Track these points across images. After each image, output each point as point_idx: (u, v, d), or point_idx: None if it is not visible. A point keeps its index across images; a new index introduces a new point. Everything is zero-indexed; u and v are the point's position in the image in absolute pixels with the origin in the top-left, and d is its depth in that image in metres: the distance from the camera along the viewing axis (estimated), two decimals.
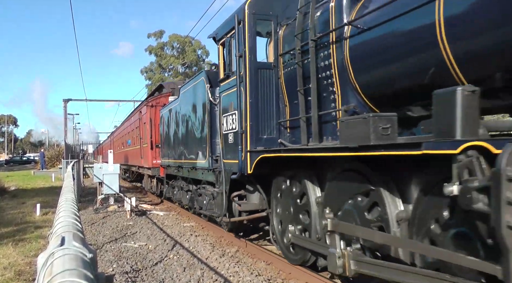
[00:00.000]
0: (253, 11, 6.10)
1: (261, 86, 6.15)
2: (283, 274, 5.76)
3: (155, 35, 65.69)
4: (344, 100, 4.71)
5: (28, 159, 69.10)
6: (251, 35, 6.13)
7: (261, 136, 6.12)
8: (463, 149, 2.74)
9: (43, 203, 12.58)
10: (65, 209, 2.87)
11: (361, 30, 4.34)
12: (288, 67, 5.81)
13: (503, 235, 2.43)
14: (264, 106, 6.15)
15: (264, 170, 5.95)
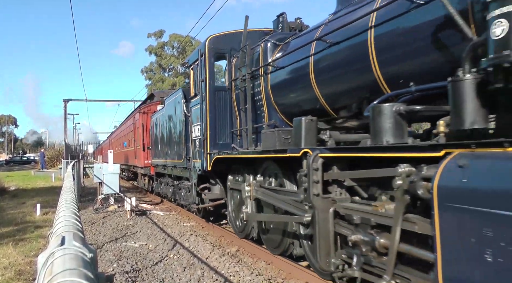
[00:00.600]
0: (211, 46, 7.88)
1: (218, 104, 7.94)
2: (283, 274, 5.77)
3: (155, 34, 65.72)
4: (269, 117, 6.65)
5: (28, 159, 69.12)
6: (210, 65, 7.90)
7: (218, 142, 7.92)
8: (303, 152, 4.74)
9: (43, 203, 12.58)
10: (65, 209, 2.87)
11: (276, 68, 6.26)
12: (237, 90, 7.39)
13: (312, 200, 4.50)
14: (221, 119, 7.96)
15: (220, 167, 7.67)
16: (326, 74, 5.13)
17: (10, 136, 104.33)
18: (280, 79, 6.19)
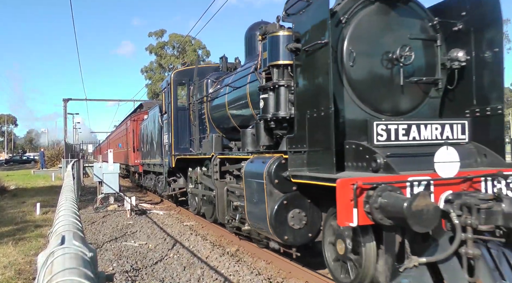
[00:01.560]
0: (175, 78, 10.69)
1: (180, 119, 10.60)
2: (283, 273, 5.77)
3: (156, 34, 65.71)
4: (210, 130, 9.25)
5: (28, 159, 69.11)
6: (174, 92, 10.66)
7: (180, 146, 10.53)
8: (212, 155, 7.50)
9: (43, 202, 12.59)
10: (65, 208, 2.87)
11: (211, 98, 9.01)
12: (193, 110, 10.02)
13: (214, 182, 7.39)
14: (182, 130, 10.60)
15: (182, 164, 10.25)
16: (232, 105, 7.81)
17: (10, 135, 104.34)
18: (213, 106, 8.92)
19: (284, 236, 4.95)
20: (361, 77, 4.92)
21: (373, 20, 5.02)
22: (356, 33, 4.90)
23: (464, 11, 5.34)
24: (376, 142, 4.53)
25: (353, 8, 4.92)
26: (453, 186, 4.19)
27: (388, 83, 5.03)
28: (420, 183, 4.04)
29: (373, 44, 5.00)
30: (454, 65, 5.25)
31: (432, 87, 5.30)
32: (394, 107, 5.10)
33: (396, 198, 3.64)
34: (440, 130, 4.88)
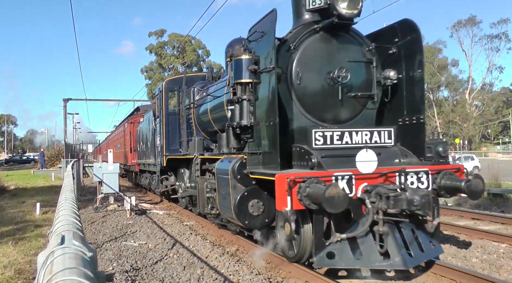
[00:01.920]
0: (166, 86, 11.72)
1: (171, 123, 11.46)
2: (283, 273, 5.77)
3: (156, 34, 65.67)
4: (196, 133, 10.07)
5: (27, 159, 69.07)
6: (166, 99, 11.59)
7: (171, 148, 11.38)
8: (194, 156, 8.50)
9: (43, 202, 12.58)
10: (65, 208, 2.87)
11: (196, 105, 10.00)
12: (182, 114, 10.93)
13: (195, 179, 8.62)
14: (172, 133, 11.41)
15: (172, 164, 11.18)
16: (213, 112, 8.73)
17: (10, 135, 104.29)
18: (199, 112, 9.84)
19: (245, 221, 6.09)
20: (306, 93, 6.07)
21: (317, 46, 6.15)
22: (303, 57, 6.04)
23: (396, 37, 6.56)
24: (314, 145, 5.69)
25: (301, 36, 6.06)
26: (371, 180, 5.34)
27: (329, 98, 6.15)
28: (344, 177, 5.19)
29: (316, 66, 6.11)
30: (388, 83, 6.45)
31: (369, 100, 6.44)
32: (335, 117, 6.24)
33: (317, 188, 4.79)
34: (370, 136, 6.02)
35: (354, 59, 6.25)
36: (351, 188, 5.23)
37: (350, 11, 5.85)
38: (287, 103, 6.02)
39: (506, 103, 74.88)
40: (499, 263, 6.19)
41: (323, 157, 5.53)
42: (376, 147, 5.75)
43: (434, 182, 5.71)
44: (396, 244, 5.11)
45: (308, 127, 5.83)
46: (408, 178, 5.51)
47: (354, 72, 6.17)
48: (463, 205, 12.10)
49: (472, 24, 65.20)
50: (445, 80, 67.52)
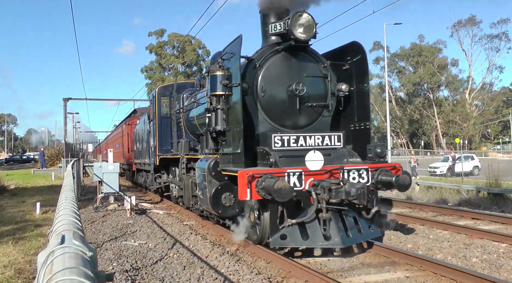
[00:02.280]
0: (159, 92, 12.70)
1: (163, 126, 12.35)
2: (283, 273, 5.78)
3: (155, 33, 65.63)
4: (185, 135, 10.96)
5: (28, 158, 69.05)
6: (159, 104, 12.52)
7: (163, 148, 12.25)
8: (181, 156, 9.80)
9: (43, 201, 12.58)
10: (65, 207, 2.87)
11: (185, 110, 10.79)
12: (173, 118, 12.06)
13: (181, 176, 9.90)
14: (165, 135, 12.31)
15: (164, 163, 12.11)
16: (198, 118, 9.51)
17: (10, 135, 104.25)
18: (187, 116, 10.65)
19: (219, 210, 7.15)
20: (270, 103, 7.20)
21: (279, 64, 7.27)
22: (266, 73, 7.18)
23: (348, 56, 7.77)
24: (273, 147, 6.81)
25: (265, 56, 7.21)
26: (318, 176, 6.43)
27: (289, 107, 7.25)
28: (295, 174, 6.28)
29: (278, 80, 7.21)
30: (341, 94, 7.62)
31: (324, 109, 7.57)
32: (295, 123, 7.36)
33: (269, 181, 5.88)
34: (321, 140, 7.09)
35: (311, 74, 7.39)
36: (301, 182, 6.32)
37: (305, 35, 6.97)
38: (253, 112, 7.21)
39: (506, 102, 74.88)
40: (499, 263, 6.20)
41: (281, 157, 6.71)
42: (327, 149, 7.02)
43: (373, 178, 6.79)
44: (336, 227, 6.26)
45: (269, 132, 6.99)
46: (350, 174, 6.62)
47: (311, 86, 7.30)
48: (463, 205, 12.10)
49: (472, 24, 65.23)
50: (445, 79, 67.51)
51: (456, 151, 37.29)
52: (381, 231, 7.42)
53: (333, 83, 7.59)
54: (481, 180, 17.39)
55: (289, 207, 6.38)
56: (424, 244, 7.37)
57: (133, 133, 18.79)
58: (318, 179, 6.36)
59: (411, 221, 9.43)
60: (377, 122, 79.90)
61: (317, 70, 7.50)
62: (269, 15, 7.48)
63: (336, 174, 6.52)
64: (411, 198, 13.72)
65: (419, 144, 67.38)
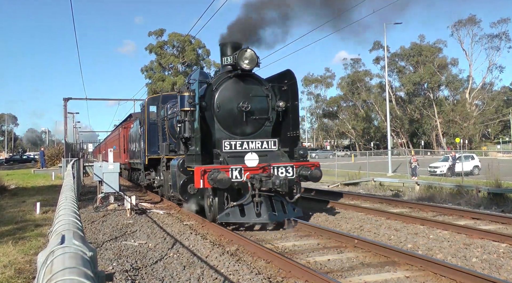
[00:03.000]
0: (148, 102, 14.75)
1: (151, 131, 14.14)
2: (283, 273, 5.78)
3: (155, 33, 65.56)
4: (169, 140, 12.30)
5: (28, 158, 69.03)
6: (148, 112, 14.45)
7: (151, 150, 14.08)
8: (162, 156, 12.18)
9: (43, 201, 12.59)
10: (65, 207, 2.87)
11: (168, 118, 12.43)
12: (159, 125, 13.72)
13: (162, 172, 12.38)
14: (153, 138, 14.02)
15: (152, 163, 13.95)
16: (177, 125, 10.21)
17: (10, 134, 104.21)
18: (170, 124, 12.21)
19: (185, 197, 9.80)
20: (223, 117, 9.43)
21: (230, 86, 9.46)
22: (221, 94, 9.41)
23: (286, 80, 10.06)
24: (224, 150, 9.05)
25: (220, 80, 9.48)
26: (253, 171, 8.59)
27: (238, 120, 9.49)
28: (237, 169, 8.43)
29: (230, 99, 9.42)
30: (279, 109, 9.85)
31: (267, 121, 9.82)
32: (242, 132, 9.60)
33: (215, 174, 8.10)
34: (261, 144, 9.35)
35: (255, 94, 9.61)
36: (241, 175, 8.48)
37: (249, 66, 9.22)
38: (211, 123, 9.45)
39: (506, 102, 74.83)
40: (499, 262, 6.19)
41: (229, 157, 8.99)
42: (265, 151, 9.31)
43: (297, 172, 9.01)
44: (266, 208, 8.41)
45: (222, 139, 9.21)
46: (278, 170, 8.79)
47: (255, 103, 9.54)
48: (463, 205, 12.10)
49: (472, 23, 65.16)
50: (445, 79, 67.47)
51: (456, 150, 37.24)
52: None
53: (273, 100, 9.85)
54: (481, 179, 17.39)
55: (232, 194, 8.58)
56: (424, 244, 7.37)
57: (128, 136, 20.62)
58: (253, 173, 8.52)
59: (411, 221, 9.44)
60: (377, 121, 79.92)
61: (261, 91, 9.71)
62: (227, 47, 9.62)
63: (267, 169, 8.71)
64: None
65: (419, 143, 67.32)
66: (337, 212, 11.17)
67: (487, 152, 53.57)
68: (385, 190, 16.83)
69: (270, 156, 9.29)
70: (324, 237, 8.00)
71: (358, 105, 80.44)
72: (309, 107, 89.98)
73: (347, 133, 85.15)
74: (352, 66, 79.69)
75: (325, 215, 10.67)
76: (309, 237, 8.22)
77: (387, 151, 32.30)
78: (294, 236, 8.33)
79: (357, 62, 79.21)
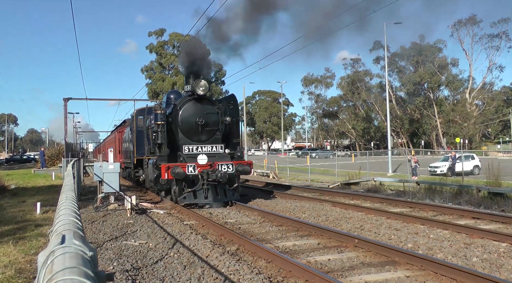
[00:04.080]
0: (136, 114, 17.00)
1: (139, 136, 16.14)
2: (283, 272, 5.77)
3: (156, 33, 65.57)
4: (152, 144, 13.65)
5: (28, 158, 69.02)
6: (136, 121, 16.65)
7: (139, 152, 16.13)
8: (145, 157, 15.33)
9: (43, 201, 12.58)
10: (66, 207, 2.87)
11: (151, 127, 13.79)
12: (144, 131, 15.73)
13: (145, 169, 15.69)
14: (141, 142, 15.92)
15: (140, 162, 16.34)
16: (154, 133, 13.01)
17: (10, 134, 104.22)
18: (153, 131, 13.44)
19: (158, 187, 12.91)
20: (185, 129, 12.75)
21: (190, 107, 12.75)
22: (183, 113, 12.73)
23: (231, 101, 14.30)
24: (184, 152, 12.52)
25: (183, 102, 12.85)
26: (203, 167, 12.09)
27: (196, 131, 12.78)
28: (191, 166, 11.93)
29: (190, 116, 12.70)
30: (226, 122, 13.18)
31: (217, 131, 13.07)
32: (199, 139, 12.86)
33: (176, 169, 11.69)
34: (211, 148, 12.73)
35: (208, 112, 12.97)
36: (195, 170, 11.95)
37: (203, 93, 12.66)
38: (176, 133, 12.95)
39: (506, 102, 74.81)
40: (499, 262, 6.19)
41: (187, 157, 12.47)
42: (214, 153, 12.82)
43: (235, 169, 12.41)
44: (211, 193, 12.09)
45: (183, 144, 12.71)
46: (222, 166, 12.19)
47: (208, 118, 12.90)
48: (463, 204, 12.09)
49: (472, 23, 65.13)
50: (446, 79, 67.45)
51: (456, 150, 37.23)
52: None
53: (222, 116, 13.21)
54: (481, 179, 17.38)
55: (188, 183, 12.25)
56: (424, 244, 7.37)
57: (122, 139, 23.44)
58: (203, 168, 12.09)
59: (411, 221, 9.43)
60: (377, 121, 79.90)
61: (213, 109, 13.11)
62: (189, 78, 13.38)
63: (214, 166, 12.21)
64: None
65: (420, 143, 67.29)
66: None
67: (487, 152, 53.59)
68: (385, 190, 16.83)
69: (218, 157, 12.78)
70: (325, 237, 7.99)
71: (358, 105, 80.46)
72: (309, 107, 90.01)
73: (347, 133, 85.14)
74: (352, 66, 79.75)
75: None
76: (310, 236, 8.22)
77: (387, 151, 32.30)
78: (295, 236, 8.33)
79: (357, 62, 79.27)
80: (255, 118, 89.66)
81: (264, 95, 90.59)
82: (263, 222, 9.97)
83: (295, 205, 12.61)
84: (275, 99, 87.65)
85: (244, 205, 12.18)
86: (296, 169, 31.18)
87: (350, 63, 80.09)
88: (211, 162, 12.14)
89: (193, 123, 12.60)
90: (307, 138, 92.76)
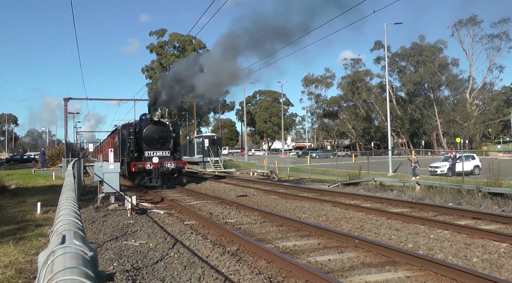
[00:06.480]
0: (122, 127, 22.87)
1: (123, 143, 21.51)
2: (284, 272, 5.77)
3: (156, 33, 65.60)
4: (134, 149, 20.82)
5: (28, 158, 69.04)
6: (121, 134, 22.27)
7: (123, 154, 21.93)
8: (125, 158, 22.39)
9: (43, 201, 12.59)
10: (66, 207, 2.87)
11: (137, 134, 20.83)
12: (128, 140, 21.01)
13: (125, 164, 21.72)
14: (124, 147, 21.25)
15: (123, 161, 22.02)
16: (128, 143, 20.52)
17: (10, 134, 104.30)
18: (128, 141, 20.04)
19: (129, 176, 20.32)
20: (147, 141, 19.98)
21: (150, 127, 20.01)
22: (146, 131, 19.96)
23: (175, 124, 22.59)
24: (145, 155, 19.91)
25: (145, 124, 20.17)
26: (156, 164, 19.36)
27: (153, 142, 20.08)
28: (149, 164, 19.27)
29: (150, 133, 19.96)
30: (173, 136, 20.90)
31: (167, 142, 20.53)
32: (156, 148, 20.10)
33: (139, 165, 19.09)
34: (163, 153, 20.19)
35: (161, 131, 19.95)
36: (151, 166, 18.95)
37: (157, 119, 19.88)
38: (141, 143, 19.72)
39: (506, 102, 74.78)
40: (500, 262, 6.19)
41: (147, 158, 19.55)
42: (165, 156, 19.88)
43: (175, 166, 19.48)
44: (161, 181, 19.39)
45: (145, 150, 19.71)
46: (168, 164, 19.27)
47: (161, 134, 19.86)
48: (463, 205, 12.09)
49: (472, 23, 65.12)
50: (446, 79, 67.43)
51: (456, 150, 37.22)
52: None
53: (170, 133, 20.19)
54: (481, 179, 17.38)
55: (147, 174, 19.07)
56: (424, 244, 7.37)
57: (114, 143, 26.93)
58: (156, 165, 18.90)
59: (412, 221, 9.43)
60: (378, 121, 79.88)
61: (164, 129, 19.97)
62: (150, 109, 20.15)
63: (162, 163, 19.00)
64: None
65: (420, 143, 67.29)
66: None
67: (487, 152, 53.55)
68: (385, 190, 16.83)
69: (165, 158, 19.65)
70: (325, 237, 8.00)
71: (359, 105, 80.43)
72: (310, 107, 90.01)
73: (348, 133, 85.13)
74: (353, 66, 79.75)
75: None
76: (310, 237, 8.23)
77: (387, 151, 32.29)
78: (295, 236, 8.34)
79: (357, 62, 79.28)
80: (256, 118, 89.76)
81: (265, 95, 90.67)
82: (263, 222, 9.98)
83: (296, 205, 12.61)
84: (276, 99, 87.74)
85: (244, 205, 12.53)
86: (296, 169, 31.16)
87: (351, 63, 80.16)
88: (161, 161, 19.26)
89: (152, 137, 19.70)
90: (308, 138, 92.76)
